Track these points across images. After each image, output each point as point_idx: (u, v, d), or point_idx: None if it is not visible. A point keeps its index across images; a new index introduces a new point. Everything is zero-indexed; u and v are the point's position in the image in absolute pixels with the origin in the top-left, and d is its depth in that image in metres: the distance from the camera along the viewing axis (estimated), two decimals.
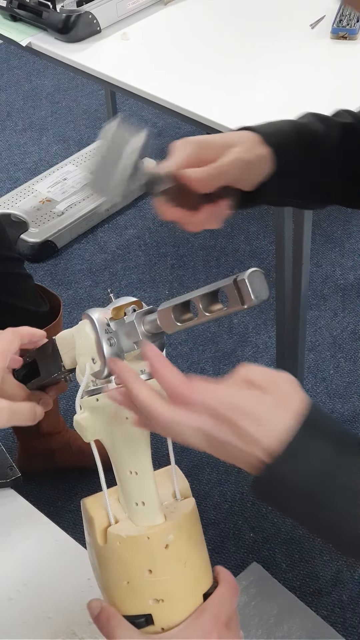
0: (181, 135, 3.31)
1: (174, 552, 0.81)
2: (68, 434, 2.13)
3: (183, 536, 0.81)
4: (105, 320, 0.78)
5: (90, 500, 0.84)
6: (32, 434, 2.09)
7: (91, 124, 3.41)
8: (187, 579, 0.82)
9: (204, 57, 2.13)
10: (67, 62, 2.20)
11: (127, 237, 2.90)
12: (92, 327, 0.78)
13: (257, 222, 2.89)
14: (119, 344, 0.77)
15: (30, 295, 1.88)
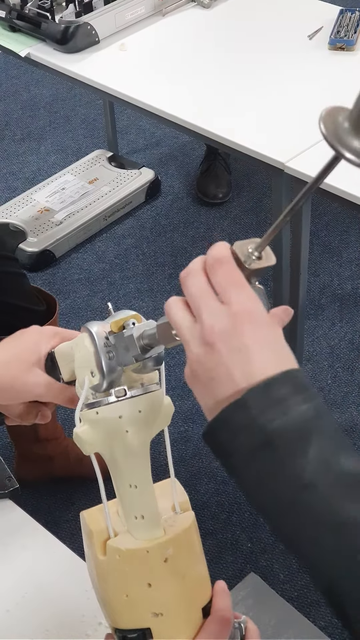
0: (179, 145, 3.35)
1: (173, 565, 0.81)
2: (66, 442, 2.13)
3: (182, 550, 0.81)
4: (104, 334, 0.78)
5: (89, 513, 0.84)
6: (29, 439, 2.09)
7: (89, 134, 3.42)
8: (186, 593, 0.82)
9: (201, 68, 2.14)
10: (66, 73, 2.21)
11: (125, 246, 2.90)
12: (91, 340, 0.78)
13: (255, 232, 2.89)
14: (118, 357, 0.77)
15: (26, 294, 1.89)
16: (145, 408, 0.78)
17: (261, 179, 3.10)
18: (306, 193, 0.70)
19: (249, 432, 0.63)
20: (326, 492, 0.62)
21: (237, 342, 0.65)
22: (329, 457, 0.63)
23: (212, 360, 0.66)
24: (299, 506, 0.63)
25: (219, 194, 3.01)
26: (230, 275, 0.68)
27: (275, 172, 1.84)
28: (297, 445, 0.63)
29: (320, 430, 0.63)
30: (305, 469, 0.62)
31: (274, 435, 0.63)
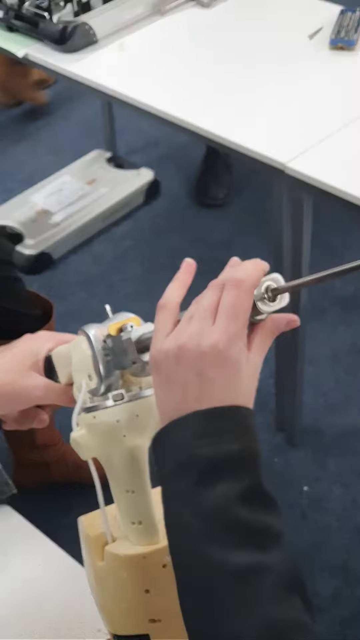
0: (178, 146, 3.33)
1: (172, 572, 0.79)
2: (64, 447, 2.12)
3: None
4: (101, 337, 0.77)
5: (87, 518, 0.83)
6: (26, 445, 2.08)
7: (87, 134, 3.40)
8: None
9: (201, 67, 2.12)
10: (64, 73, 2.19)
11: (124, 248, 2.88)
12: (89, 343, 0.77)
13: (255, 233, 2.88)
14: (115, 361, 0.76)
15: (22, 299, 1.89)
16: (143, 412, 0.77)
17: (261, 180, 3.07)
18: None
19: (176, 451, 0.68)
20: (201, 530, 0.66)
21: (203, 370, 0.69)
22: (229, 501, 0.66)
23: (176, 367, 0.70)
24: (183, 531, 0.68)
25: (220, 195, 3.00)
26: (237, 301, 0.70)
27: (276, 173, 1.83)
28: (208, 477, 0.67)
29: (237, 473, 0.67)
30: (202, 502, 0.66)
31: (194, 460, 0.67)
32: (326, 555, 2.00)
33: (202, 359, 0.68)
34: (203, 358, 0.68)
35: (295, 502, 2.11)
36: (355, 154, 1.81)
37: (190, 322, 0.71)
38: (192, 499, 0.67)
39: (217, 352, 0.68)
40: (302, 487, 2.15)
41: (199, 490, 0.67)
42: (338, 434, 2.26)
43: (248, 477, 0.68)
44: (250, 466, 0.68)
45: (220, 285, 0.72)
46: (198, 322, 0.70)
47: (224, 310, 0.70)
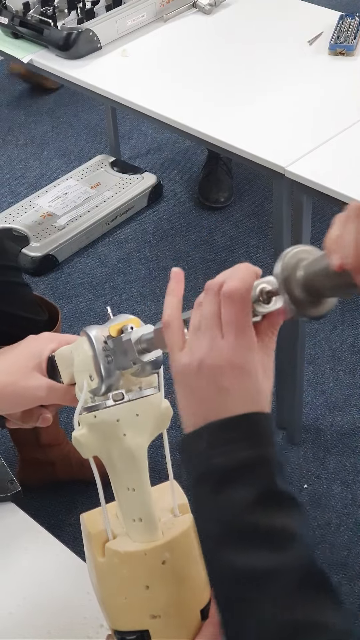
0: (181, 150, 3.36)
1: (171, 568, 0.81)
2: (68, 447, 2.13)
3: (180, 552, 0.82)
4: (102, 338, 0.79)
5: (89, 516, 0.85)
6: (31, 444, 2.09)
7: (92, 139, 3.43)
8: (184, 596, 0.83)
9: (203, 73, 2.15)
10: (68, 79, 2.22)
11: (128, 250, 2.91)
12: (90, 344, 0.79)
13: (257, 235, 2.90)
14: (116, 361, 0.78)
15: (29, 304, 1.89)
16: (143, 412, 0.79)
17: (262, 183, 3.10)
18: None
19: (198, 460, 0.71)
20: (218, 536, 0.70)
21: (220, 382, 0.71)
22: (243, 508, 0.69)
23: (198, 381, 0.72)
24: (204, 537, 0.72)
25: (221, 198, 3.02)
26: (238, 316, 0.72)
27: (276, 177, 1.86)
28: (223, 486, 0.70)
29: (250, 479, 0.70)
30: (218, 510, 0.70)
31: (212, 469, 0.70)
32: (326, 552, 2.03)
33: (220, 374, 0.71)
34: (222, 373, 0.71)
35: None
36: (353, 158, 1.84)
37: (199, 335, 0.73)
38: (210, 507, 0.70)
39: (234, 366, 0.71)
40: (302, 485, 2.18)
41: (215, 499, 0.70)
42: (338, 433, 2.29)
43: (262, 482, 0.70)
44: (264, 471, 0.70)
45: (216, 292, 0.74)
46: (207, 334, 0.73)
47: (229, 327, 0.72)
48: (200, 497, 0.72)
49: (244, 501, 0.69)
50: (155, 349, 0.78)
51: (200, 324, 0.74)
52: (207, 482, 0.70)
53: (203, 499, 0.71)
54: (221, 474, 0.70)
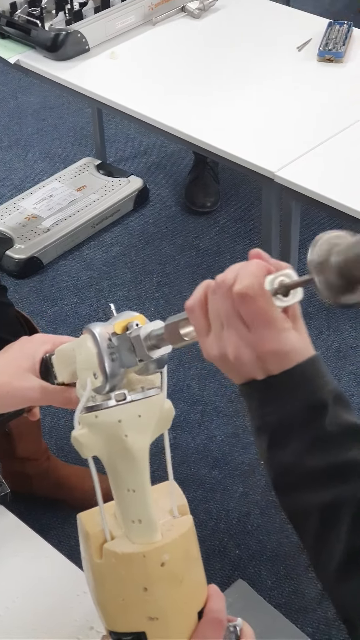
0: (167, 155, 3.35)
1: (170, 570, 0.81)
2: (47, 463, 2.09)
3: (179, 555, 0.82)
4: (107, 335, 0.78)
5: (86, 515, 0.84)
6: (8, 456, 2.04)
7: (77, 142, 3.43)
8: (182, 598, 0.82)
9: (191, 77, 2.15)
10: (56, 80, 2.21)
11: (113, 254, 2.90)
12: (94, 341, 0.78)
13: (243, 240, 2.90)
14: (121, 359, 0.77)
15: (11, 325, 1.84)
16: (145, 412, 0.78)
17: (249, 188, 3.11)
18: None
19: (251, 415, 0.78)
20: (282, 485, 0.77)
21: (265, 367, 0.75)
22: (300, 456, 0.76)
23: (240, 368, 0.76)
24: (272, 487, 0.79)
25: (207, 203, 3.02)
26: (261, 313, 0.73)
27: (266, 181, 1.86)
28: (278, 439, 0.76)
29: (302, 428, 0.75)
30: (277, 462, 0.77)
31: (264, 426, 0.77)
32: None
33: (262, 361, 0.74)
34: (264, 360, 0.74)
35: None
36: (342, 163, 1.85)
37: (226, 330, 0.74)
38: (270, 461, 0.76)
39: (277, 355, 0.74)
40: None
41: (272, 452, 0.76)
42: None
43: (314, 427, 0.74)
44: (314, 417, 0.74)
45: (227, 290, 0.74)
46: (235, 332, 0.74)
47: (255, 322, 0.73)
48: (261, 449, 0.77)
49: (299, 450, 0.74)
50: (164, 345, 0.78)
51: (218, 318, 0.75)
52: (263, 437, 0.76)
53: (263, 451, 0.77)
54: (274, 429, 0.75)
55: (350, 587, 0.73)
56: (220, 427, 2.33)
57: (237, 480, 2.21)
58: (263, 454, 0.77)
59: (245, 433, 2.31)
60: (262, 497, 2.17)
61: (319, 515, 0.74)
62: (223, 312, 0.74)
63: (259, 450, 0.78)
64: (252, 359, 0.74)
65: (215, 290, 0.75)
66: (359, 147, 1.87)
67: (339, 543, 0.73)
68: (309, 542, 0.76)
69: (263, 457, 0.78)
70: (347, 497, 0.73)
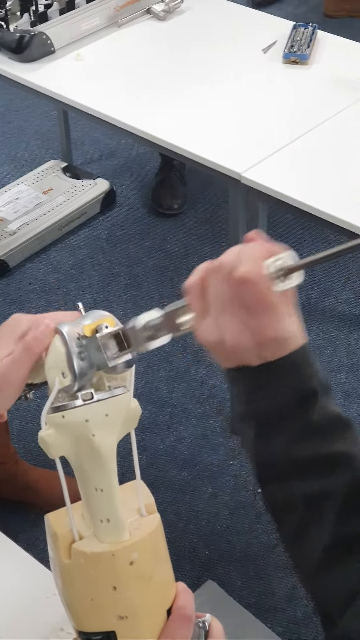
0: (134, 157, 3.36)
1: (139, 569, 0.81)
2: (16, 467, 2.08)
3: (148, 553, 0.82)
4: (75, 334, 0.78)
5: (54, 516, 0.83)
6: None
7: (43, 144, 3.41)
8: (151, 596, 0.82)
9: (157, 78, 2.15)
10: (21, 82, 2.21)
11: (81, 257, 2.90)
12: (62, 341, 0.78)
13: (210, 242, 2.91)
14: (90, 359, 0.77)
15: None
16: (112, 411, 0.78)
17: (215, 191, 3.12)
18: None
19: (238, 400, 0.77)
20: (268, 474, 0.77)
21: (260, 354, 0.74)
22: (287, 447, 0.75)
23: (235, 355, 0.75)
24: (254, 474, 0.79)
25: (174, 205, 3.03)
26: (260, 298, 0.72)
27: (232, 183, 1.87)
28: (265, 429, 0.76)
29: (290, 418, 0.75)
30: (264, 452, 0.76)
31: (251, 413, 0.76)
32: (281, 555, 2.04)
33: (260, 349, 0.73)
34: (263, 347, 0.73)
35: (250, 504, 2.15)
36: (308, 164, 1.86)
37: (224, 314, 0.73)
38: (256, 448, 0.75)
39: (276, 341, 0.73)
40: (256, 490, 2.19)
41: (260, 439, 0.75)
42: None
43: (303, 416, 0.73)
44: (304, 406, 0.73)
45: (227, 275, 0.72)
46: (234, 316, 0.73)
47: (255, 308, 0.72)
48: (245, 434, 0.76)
49: (286, 441, 0.73)
50: (162, 335, 0.77)
51: (217, 302, 0.73)
52: (250, 423, 0.75)
53: (248, 437, 0.76)
54: (262, 418, 0.74)
55: (331, 578, 0.73)
56: (189, 429, 2.33)
57: (206, 482, 2.21)
58: (249, 441, 0.76)
59: (214, 434, 2.32)
60: (231, 498, 2.17)
61: (303, 505, 0.74)
62: (222, 297, 0.72)
63: (243, 437, 0.77)
64: (250, 345, 0.73)
65: (215, 274, 0.73)
66: (324, 148, 1.89)
67: (323, 533, 0.73)
68: (290, 532, 0.75)
69: (248, 444, 0.76)
70: (333, 488, 0.73)
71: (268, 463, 0.75)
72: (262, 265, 0.71)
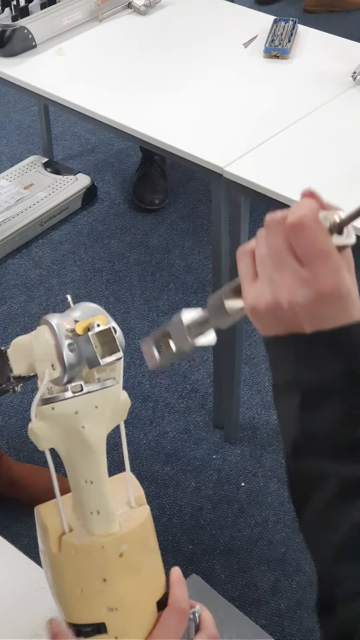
0: (114, 152, 3.35)
1: (129, 560, 0.81)
2: (0, 462, 2.08)
3: (137, 545, 0.82)
4: (65, 326, 0.78)
5: (44, 508, 0.84)
6: None
7: (24, 140, 3.40)
8: (141, 588, 0.83)
9: (138, 73, 2.15)
10: (2, 77, 2.19)
11: (62, 252, 2.89)
12: (52, 332, 0.78)
13: (192, 237, 2.92)
14: (79, 352, 0.77)
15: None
16: (102, 403, 0.78)
17: (196, 186, 3.12)
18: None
19: (284, 369, 0.72)
20: (307, 448, 0.72)
21: (316, 315, 0.68)
22: (333, 423, 0.71)
23: (292, 318, 0.69)
24: (288, 445, 0.75)
25: (155, 200, 3.03)
26: (317, 244, 0.67)
27: (214, 177, 1.87)
28: (312, 401, 0.71)
29: (341, 394, 0.71)
30: (307, 425, 0.72)
31: (299, 383, 0.71)
32: (264, 548, 2.05)
33: (318, 304, 0.68)
34: (321, 303, 0.68)
35: (233, 498, 2.16)
36: (290, 158, 1.86)
37: (277, 272, 0.69)
38: (298, 421, 0.71)
39: (327, 295, 0.68)
40: (239, 483, 2.20)
41: (304, 413, 0.70)
42: (273, 431, 2.32)
43: (354, 394, 0.69)
44: (354, 384, 0.70)
45: (279, 224, 0.69)
46: (286, 269, 0.68)
47: (310, 257, 0.67)
48: (286, 406, 0.72)
49: (333, 417, 0.69)
50: (207, 329, 0.76)
51: (269, 260, 0.69)
52: (295, 394, 0.71)
53: (289, 409, 0.72)
54: (310, 389, 0.70)
55: (349, 566, 0.70)
56: (172, 423, 2.34)
57: (189, 476, 2.22)
58: (289, 411, 0.72)
59: (196, 429, 2.32)
60: (215, 492, 2.18)
61: (338, 485, 0.70)
62: (274, 252, 0.68)
63: (283, 407, 0.73)
64: (307, 301, 0.68)
65: (266, 229, 0.70)
66: (306, 142, 1.90)
67: (348, 520, 0.69)
68: (314, 510, 0.71)
69: (287, 414, 0.72)
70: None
71: (310, 435, 0.71)
72: (317, 212, 0.67)
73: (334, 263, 0.67)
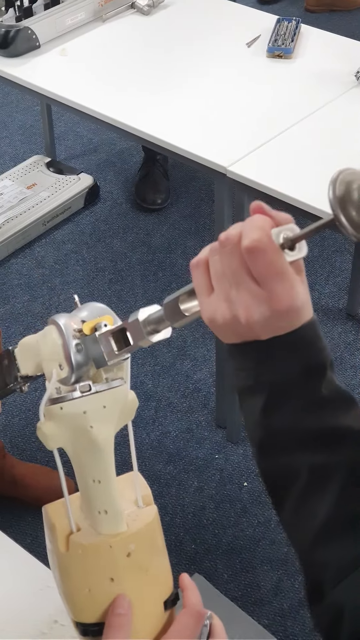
0: (117, 152, 3.35)
1: (136, 560, 0.81)
2: (2, 461, 2.07)
3: (145, 545, 0.82)
4: (72, 326, 0.78)
5: (52, 507, 0.84)
6: None
7: (27, 140, 3.41)
8: (148, 587, 0.83)
9: (141, 73, 2.15)
10: (6, 77, 2.20)
11: (65, 251, 2.90)
12: (59, 332, 0.78)
13: (194, 237, 2.92)
14: (87, 353, 0.77)
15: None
16: (110, 403, 0.78)
17: (198, 185, 3.13)
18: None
19: (245, 375, 0.76)
20: (272, 445, 0.76)
21: (273, 327, 0.71)
22: (294, 419, 0.75)
23: (247, 332, 0.72)
24: (255, 445, 0.79)
25: (158, 200, 3.03)
26: (272, 266, 0.69)
27: (218, 176, 1.87)
28: (273, 402, 0.75)
29: (298, 391, 0.75)
30: (270, 424, 0.75)
31: (260, 386, 0.75)
32: (267, 548, 2.05)
33: (274, 320, 0.70)
34: (277, 318, 0.70)
35: (236, 498, 2.16)
36: (293, 158, 1.87)
37: (234, 290, 0.71)
38: (263, 422, 0.75)
39: (291, 310, 0.70)
40: (242, 483, 2.20)
41: (266, 414, 0.74)
42: None
43: (312, 390, 0.73)
44: (314, 379, 0.73)
45: (235, 246, 0.70)
46: (244, 290, 0.70)
47: (267, 278, 0.69)
48: (249, 408, 0.75)
49: (293, 414, 0.73)
50: (164, 328, 0.76)
51: (224, 278, 0.71)
52: (257, 397, 0.74)
53: (253, 411, 0.75)
54: (270, 391, 0.73)
55: (329, 549, 0.73)
56: (174, 423, 2.34)
57: (192, 475, 2.22)
58: (253, 414, 0.75)
59: (199, 428, 2.33)
60: (217, 492, 2.18)
61: (307, 476, 0.73)
62: (230, 271, 0.70)
63: (248, 410, 0.76)
64: (264, 317, 0.70)
65: (221, 249, 0.71)
66: (310, 141, 1.90)
67: (324, 506, 0.72)
68: (290, 504, 0.75)
69: (252, 418, 0.75)
70: (338, 461, 0.73)
71: (274, 434, 0.74)
72: (270, 234, 0.69)
73: (289, 282, 0.70)
